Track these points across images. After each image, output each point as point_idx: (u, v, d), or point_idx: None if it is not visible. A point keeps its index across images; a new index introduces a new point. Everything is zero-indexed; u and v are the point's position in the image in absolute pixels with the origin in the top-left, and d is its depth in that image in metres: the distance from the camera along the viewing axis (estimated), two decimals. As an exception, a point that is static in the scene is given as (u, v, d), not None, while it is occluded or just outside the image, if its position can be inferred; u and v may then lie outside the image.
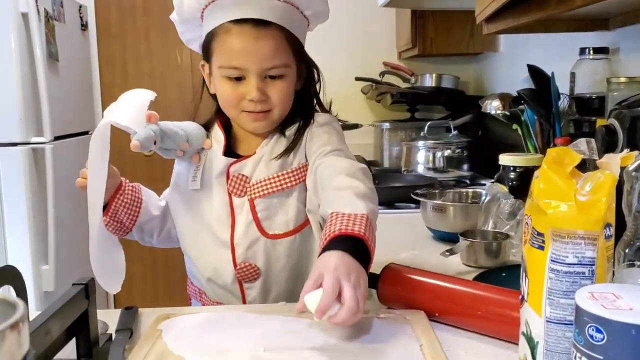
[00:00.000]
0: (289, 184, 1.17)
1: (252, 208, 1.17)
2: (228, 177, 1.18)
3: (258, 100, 1.12)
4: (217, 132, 1.21)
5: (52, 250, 2.47)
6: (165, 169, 3.53)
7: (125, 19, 3.38)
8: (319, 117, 1.22)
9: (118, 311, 1.03)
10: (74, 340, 0.83)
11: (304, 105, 1.23)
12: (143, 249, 3.45)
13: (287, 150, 1.18)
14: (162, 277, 3.51)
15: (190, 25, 1.21)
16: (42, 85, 2.41)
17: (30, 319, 0.75)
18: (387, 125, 2.84)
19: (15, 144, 2.40)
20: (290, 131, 1.20)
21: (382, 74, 3.06)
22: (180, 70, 3.41)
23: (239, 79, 1.12)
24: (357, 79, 3.00)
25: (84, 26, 3.09)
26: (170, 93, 3.39)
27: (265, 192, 1.16)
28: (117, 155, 3.47)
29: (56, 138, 2.53)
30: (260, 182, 1.17)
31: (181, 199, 1.23)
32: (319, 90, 1.26)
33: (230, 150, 1.21)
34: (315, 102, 1.26)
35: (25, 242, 2.44)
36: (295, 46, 1.16)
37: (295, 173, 1.17)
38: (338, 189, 1.04)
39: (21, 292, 0.79)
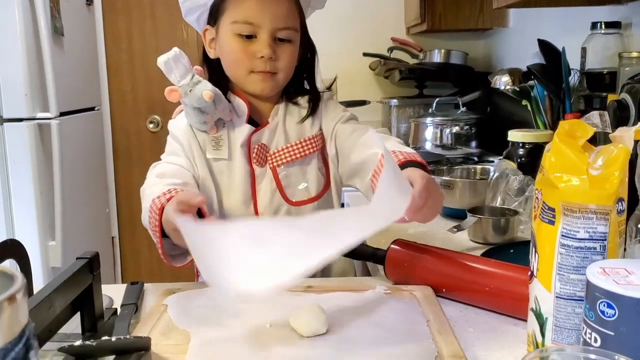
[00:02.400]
0: (307, 151, 1.21)
1: (275, 176, 1.19)
2: (249, 147, 1.18)
3: (268, 57, 1.13)
4: (238, 101, 1.20)
5: (59, 226, 2.47)
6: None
7: (131, -6, 3.35)
8: (324, 93, 1.27)
9: (123, 286, 1.03)
10: (78, 314, 0.83)
11: (304, 79, 1.25)
12: (149, 225, 3.47)
13: (307, 116, 1.22)
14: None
15: None
16: (47, 60, 2.39)
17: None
18: (395, 101, 2.82)
19: (21, 120, 2.39)
20: (302, 101, 1.23)
21: (391, 49, 3.03)
22: (187, 45, 3.37)
23: (249, 37, 1.13)
24: (365, 54, 2.97)
25: (89, 1, 3.06)
26: (177, 69, 3.37)
27: (286, 159, 1.20)
28: (125, 135, 3.42)
29: (62, 114, 2.52)
30: (280, 150, 1.20)
31: (194, 167, 1.20)
32: (316, 69, 1.28)
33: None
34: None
35: (32, 218, 2.44)
36: (301, 16, 1.20)
37: (312, 141, 1.22)
38: (379, 143, 1.06)
39: (24, 266, 0.79)
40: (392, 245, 1.06)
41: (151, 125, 3.39)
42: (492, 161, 2.02)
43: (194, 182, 1.17)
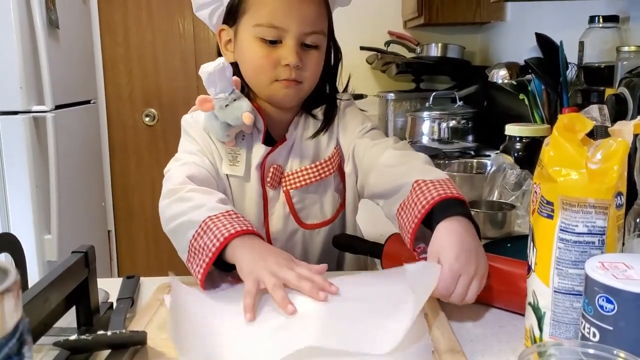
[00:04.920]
0: (324, 174, 1.13)
1: (289, 200, 1.12)
2: (263, 169, 1.11)
3: (295, 65, 1.02)
4: (257, 117, 1.09)
5: (54, 220, 2.46)
6: (168, 140, 3.49)
7: (127, -13, 3.33)
8: (342, 96, 1.19)
9: (119, 280, 1.02)
10: (74, 308, 0.82)
11: (327, 86, 1.16)
12: (146, 220, 3.48)
13: (319, 131, 1.13)
14: (165, 249, 3.51)
15: None
16: (43, 52, 2.38)
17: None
18: (392, 95, 2.81)
19: (16, 113, 2.38)
20: (319, 112, 1.14)
21: (388, 43, 3.02)
22: (183, 38, 3.36)
23: (273, 42, 1.03)
24: (362, 48, 2.96)
25: (85, -7, 3.05)
26: (173, 62, 3.36)
27: (301, 183, 1.12)
28: (122, 128, 3.41)
29: (57, 107, 2.50)
30: (296, 172, 1.12)
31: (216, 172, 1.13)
32: (339, 73, 1.19)
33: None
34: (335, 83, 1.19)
35: (28, 211, 2.43)
36: (329, 18, 1.11)
37: (329, 162, 1.14)
38: (403, 162, 1.03)
39: (19, 260, 0.78)
40: (389, 240, 1.05)
41: (147, 119, 3.38)
42: (489, 155, 2.01)
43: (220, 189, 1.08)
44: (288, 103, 1.10)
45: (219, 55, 1.11)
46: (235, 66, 1.09)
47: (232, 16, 1.08)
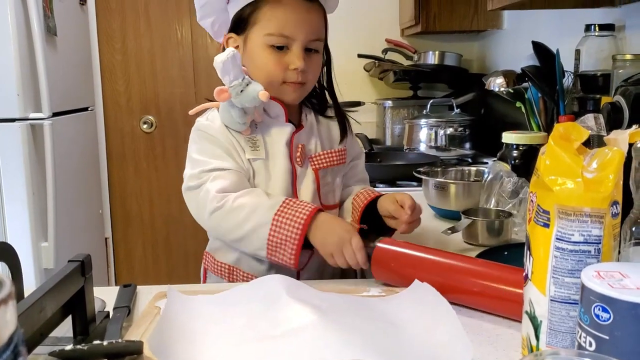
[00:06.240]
0: (342, 160, 1.29)
1: (317, 178, 1.23)
2: (292, 146, 1.21)
3: (302, 70, 1.15)
4: (271, 103, 1.19)
5: (51, 227, 2.45)
6: (166, 147, 3.49)
7: (125, -6, 3.33)
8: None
9: (116, 288, 1.02)
10: (70, 317, 0.82)
11: (323, 85, 1.30)
12: (144, 227, 3.47)
13: (342, 138, 1.29)
14: (163, 255, 3.51)
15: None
16: (40, 60, 2.37)
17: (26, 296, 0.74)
18: (389, 103, 2.82)
19: (13, 120, 2.37)
20: (330, 113, 1.31)
21: (385, 51, 3.03)
22: (181, 46, 3.37)
23: (281, 48, 1.15)
24: (360, 56, 2.97)
25: (83, 1, 3.05)
26: (171, 69, 3.36)
27: (327, 164, 1.25)
28: (119, 135, 3.41)
29: (55, 114, 2.50)
30: (323, 154, 1.25)
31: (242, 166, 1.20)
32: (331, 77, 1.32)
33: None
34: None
35: (25, 219, 2.42)
36: (326, 26, 1.23)
37: (342, 153, 1.29)
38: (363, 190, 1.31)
39: (15, 269, 0.78)
40: (379, 244, 1.05)
41: (145, 126, 3.38)
42: (486, 163, 2.01)
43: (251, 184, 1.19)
44: (295, 102, 1.23)
45: None
46: None
47: (241, 26, 1.19)
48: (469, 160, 2.32)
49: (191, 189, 1.16)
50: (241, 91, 1.12)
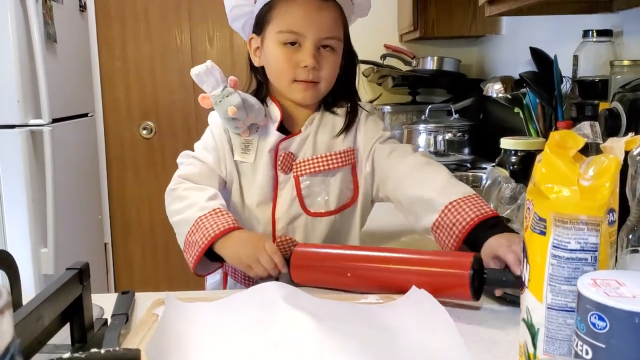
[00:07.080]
0: (333, 165, 1.23)
1: (297, 185, 1.22)
2: (276, 154, 1.22)
3: (311, 67, 1.15)
4: (273, 108, 1.23)
5: (51, 234, 2.45)
6: (165, 153, 3.50)
7: (125, 0, 3.34)
8: (365, 106, 1.30)
9: (114, 295, 1.02)
10: (68, 325, 0.82)
11: (345, 87, 1.27)
12: (143, 233, 3.47)
13: (342, 131, 1.24)
14: (162, 261, 3.51)
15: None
16: (40, 66, 2.38)
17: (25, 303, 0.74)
18: (388, 108, 2.82)
19: (13, 126, 2.38)
20: (340, 111, 1.25)
21: (384, 56, 3.03)
22: (181, 52, 3.38)
23: (293, 44, 1.16)
24: (359, 61, 2.97)
25: (83, 7, 3.06)
26: (171, 75, 3.37)
27: (311, 170, 1.22)
28: (119, 141, 3.41)
29: (54, 120, 2.51)
30: (307, 160, 1.22)
31: (221, 166, 1.26)
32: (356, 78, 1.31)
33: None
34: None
35: (24, 225, 2.43)
36: (344, 26, 1.22)
37: (341, 155, 1.24)
38: (428, 172, 1.18)
39: (14, 277, 0.78)
40: (296, 248, 1.12)
41: (144, 132, 3.38)
42: (485, 168, 2.02)
43: (218, 184, 1.23)
44: (307, 102, 1.22)
45: (250, 62, 1.27)
46: (262, 70, 1.25)
47: (259, 26, 1.21)
48: (468, 165, 2.32)
49: (179, 165, 1.28)
50: (220, 101, 1.16)
